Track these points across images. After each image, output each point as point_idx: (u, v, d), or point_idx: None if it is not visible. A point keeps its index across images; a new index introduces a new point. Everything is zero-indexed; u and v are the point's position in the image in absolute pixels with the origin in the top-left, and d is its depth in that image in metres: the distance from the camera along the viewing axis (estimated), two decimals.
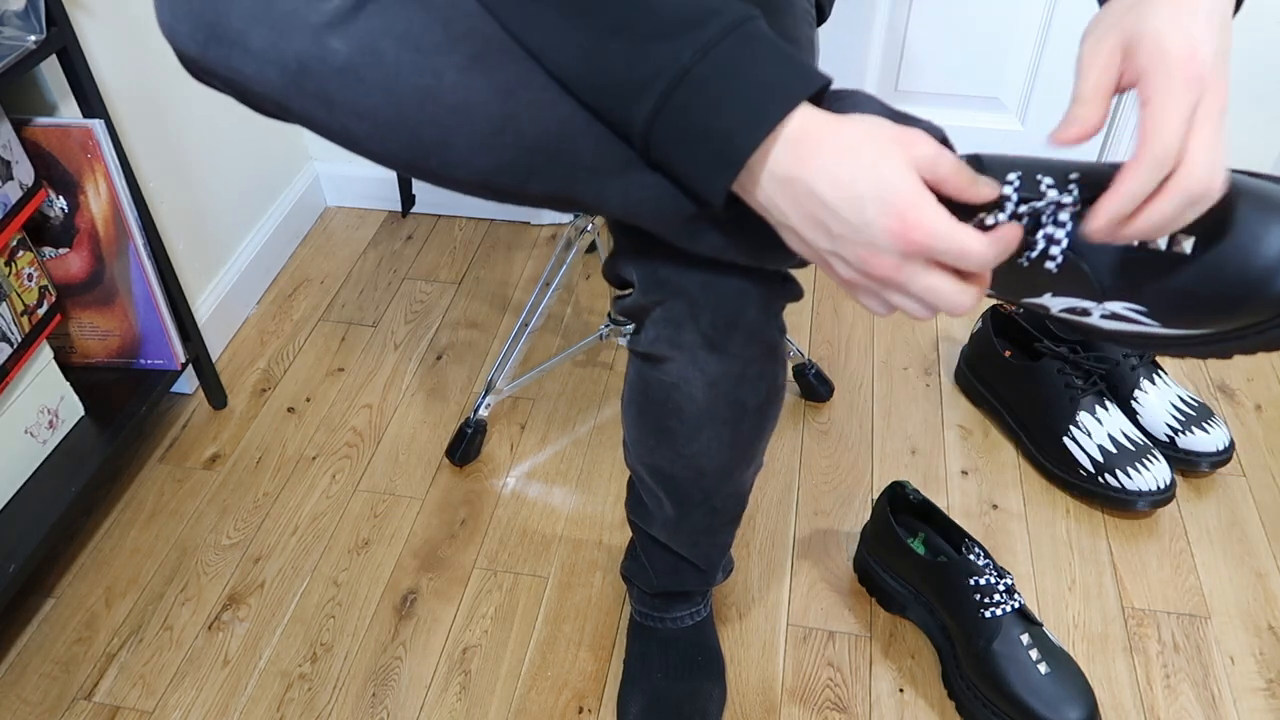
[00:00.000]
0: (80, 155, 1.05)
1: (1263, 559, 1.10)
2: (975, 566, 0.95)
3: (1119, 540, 1.12)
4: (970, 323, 1.42)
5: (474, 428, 1.21)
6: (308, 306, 1.48)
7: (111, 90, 1.14)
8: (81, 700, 0.99)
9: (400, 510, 1.17)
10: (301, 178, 1.62)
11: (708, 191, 0.51)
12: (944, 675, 0.98)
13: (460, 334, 1.42)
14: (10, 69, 0.92)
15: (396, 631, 1.04)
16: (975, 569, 0.95)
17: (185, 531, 1.15)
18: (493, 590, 1.08)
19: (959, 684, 0.95)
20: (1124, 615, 1.05)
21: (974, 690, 0.94)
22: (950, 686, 0.97)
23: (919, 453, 1.23)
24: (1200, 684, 0.99)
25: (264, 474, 1.22)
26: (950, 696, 0.97)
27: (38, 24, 0.95)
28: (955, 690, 0.96)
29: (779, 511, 1.16)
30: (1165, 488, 1.12)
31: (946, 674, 0.98)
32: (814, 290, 1.49)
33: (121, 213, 1.09)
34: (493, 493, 1.19)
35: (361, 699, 0.98)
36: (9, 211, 1.00)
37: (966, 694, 0.94)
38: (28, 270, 1.05)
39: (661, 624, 0.98)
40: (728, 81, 0.48)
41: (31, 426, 1.06)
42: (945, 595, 0.97)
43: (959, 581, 0.95)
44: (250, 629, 1.05)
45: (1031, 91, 1.38)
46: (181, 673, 1.01)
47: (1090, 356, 1.20)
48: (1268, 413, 1.28)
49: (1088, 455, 1.15)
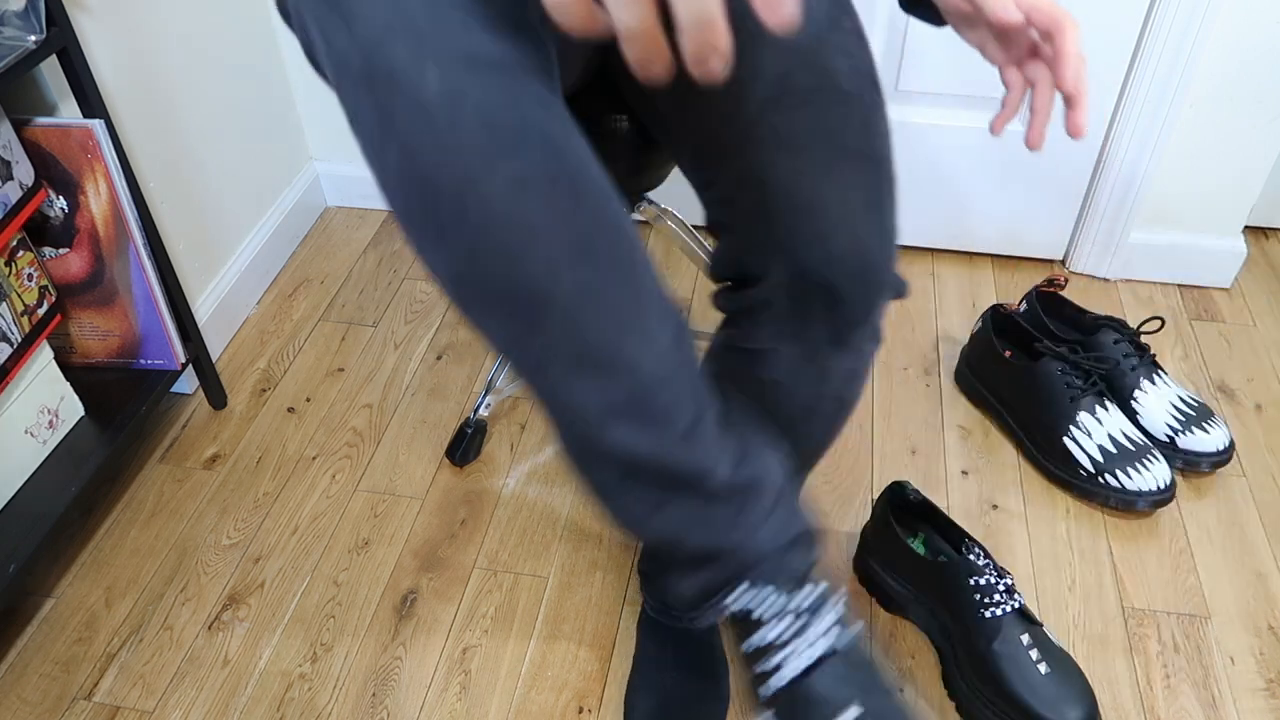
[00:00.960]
0: (80, 155, 1.05)
1: (1263, 559, 1.10)
2: (975, 566, 0.95)
3: (1119, 540, 1.12)
4: (970, 323, 1.42)
5: (474, 428, 1.21)
6: (308, 306, 1.48)
7: (111, 90, 1.14)
8: (81, 700, 0.99)
9: (400, 510, 1.17)
10: (302, 178, 1.62)
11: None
12: (944, 676, 0.98)
13: (460, 334, 1.42)
14: (10, 69, 0.92)
15: (396, 631, 1.04)
16: (975, 569, 0.95)
17: (185, 531, 1.15)
18: (493, 590, 1.08)
19: (960, 684, 0.95)
20: (1124, 615, 1.05)
21: (975, 690, 0.94)
22: (951, 687, 0.97)
23: (919, 453, 1.23)
24: (1200, 684, 0.99)
25: (264, 474, 1.22)
26: (951, 697, 0.97)
27: (38, 24, 0.95)
28: (956, 690, 0.96)
29: None
30: (1165, 488, 1.12)
31: (947, 674, 0.98)
32: None
33: (121, 213, 1.09)
34: (493, 493, 1.19)
35: (361, 699, 0.98)
36: (9, 211, 1.00)
37: (967, 694, 0.94)
38: (28, 270, 1.05)
39: (679, 622, 0.97)
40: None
41: (31, 426, 1.06)
42: (945, 595, 0.97)
43: (959, 582, 0.95)
44: (250, 629, 1.05)
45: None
46: (182, 673, 1.01)
47: (1090, 356, 1.20)
48: (1268, 413, 1.28)
49: (1088, 455, 1.15)
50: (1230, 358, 1.36)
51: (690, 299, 1.47)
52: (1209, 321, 1.43)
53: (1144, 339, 1.40)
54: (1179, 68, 1.29)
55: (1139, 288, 1.50)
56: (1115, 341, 1.21)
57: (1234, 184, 1.40)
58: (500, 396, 1.27)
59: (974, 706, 0.94)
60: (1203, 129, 1.35)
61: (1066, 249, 1.53)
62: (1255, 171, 1.38)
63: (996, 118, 0.67)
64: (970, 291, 1.49)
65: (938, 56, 1.38)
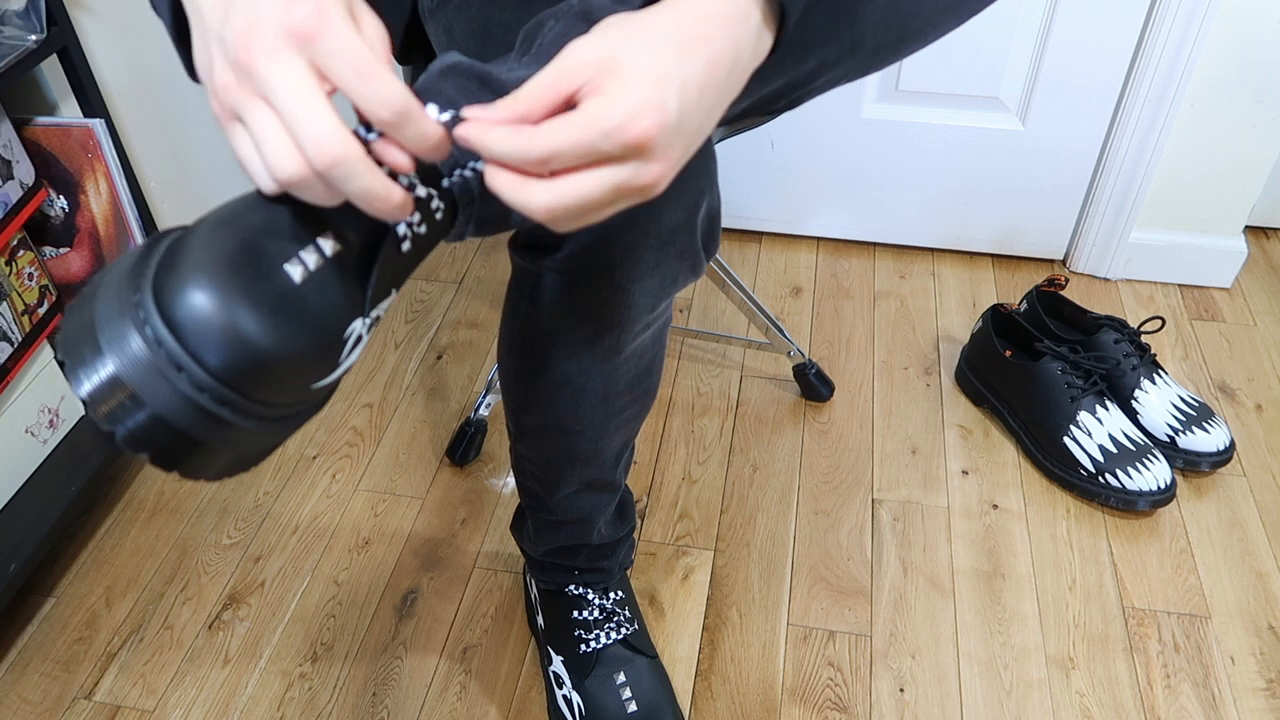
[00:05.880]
0: (81, 155, 1.05)
1: (1263, 559, 1.10)
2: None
3: (1119, 540, 1.12)
4: (971, 322, 1.42)
5: (475, 427, 1.21)
6: None
7: (112, 90, 1.14)
8: (82, 700, 0.99)
9: (400, 510, 1.17)
10: None
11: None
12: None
13: (460, 334, 1.42)
14: (11, 68, 0.92)
15: (396, 631, 1.04)
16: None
17: (186, 531, 1.15)
18: (493, 590, 1.08)
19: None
20: (1124, 615, 1.05)
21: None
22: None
23: (919, 453, 1.23)
24: (1200, 684, 0.99)
25: (264, 474, 1.22)
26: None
27: (38, 23, 0.95)
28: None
29: (779, 511, 1.16)
30: (1166, 488, 1.12)
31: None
32: (814, 290, 1.49)
33: (122, 212, 1.09)
34: (493, 492, 1.19)
35: (361, 699, 0.98)
36: (9, 211, 1.00)
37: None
38: (28, 270, 1.05)
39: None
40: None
41: (32, 426, 1.06)
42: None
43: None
44: (250, 628, 1.05)
45: (1031, 91, 1.38)
46: (182, 672, 1.01)
47: (1090, 356, 1.20)
48: (1268, 413, 1.28)
49: (1088, 455, 1.15)
50: (1230, 357, 1.36)
51: (690, 299, 1.48)
52: (1209, 321, 1.43)
53: (1144, 339, 1.40)
54: (1179, 68, 1.29)
55: (1139, 287, 1.50)
56: (1116, 341, 1.21)
57: (1234, 183, 1.40)
58: (500, 396, 1.27)
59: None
60: (1203, 129, 1.35)
61: (1067, 249, 1.53)
62: (1255, 171, 1.38)
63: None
64: (970, 291, 1.49)
65: (938, 57, 1.38)
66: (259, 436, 0.45)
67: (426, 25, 0.73)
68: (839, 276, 1.52)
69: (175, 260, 0.42)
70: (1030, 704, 0.97)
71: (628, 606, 0.96)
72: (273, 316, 0.42)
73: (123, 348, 0.41)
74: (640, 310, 0.68)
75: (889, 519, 1.15)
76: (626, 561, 0.97)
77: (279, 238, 0.44)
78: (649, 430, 1.27)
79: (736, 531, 1.14)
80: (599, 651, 0.93)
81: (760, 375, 1.34)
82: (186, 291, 0.41)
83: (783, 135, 1.48)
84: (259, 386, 0.42)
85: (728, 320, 1.44)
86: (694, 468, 1.22)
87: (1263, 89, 1.31)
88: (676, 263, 0.65)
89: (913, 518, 1.15)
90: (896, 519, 1.15)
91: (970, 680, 0.99)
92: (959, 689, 0.99)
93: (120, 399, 0.41)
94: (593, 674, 0.93)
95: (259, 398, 0.43)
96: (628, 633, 0.94)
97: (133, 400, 0.41)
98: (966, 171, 1.47)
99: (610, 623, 0.94)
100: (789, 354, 1.28)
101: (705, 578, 1.09)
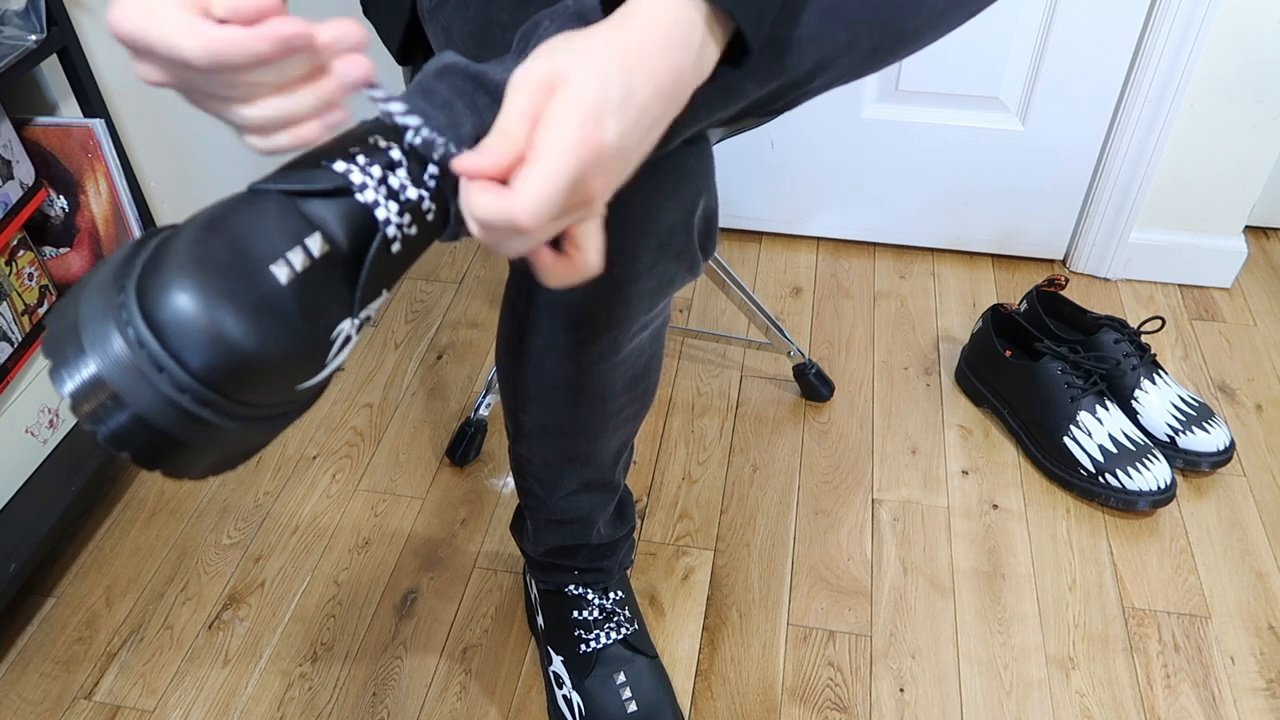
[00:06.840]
0: (81, 155, 1.05)
1: (1263, 559, 1.10)
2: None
3: (1119, 540, 1.12)
4: (971, 323, 1.42)
5: (475, 427, 1.21)
6: None
7: (112, 90, 1.14)
8: (82, 700, 0.99)
9: (400, 510, 1.17)
10: None
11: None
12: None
13: (460, 333, 1.42)
14: (11, 68, 0.92)
15: (396, 631, 1.04)
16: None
17: (186, 531, 1.15)
18: (493, 590, 1.08)
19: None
20: (1124, 615, 1.05)
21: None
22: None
23: (919, 453, 1.23)
24: (1200, 684, 0.99)
25: (264, 474, 1.22)
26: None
27: (38, 23, 0.95)
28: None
29: (779, 511, 1.16)
30: (1166, 488, 1.12)
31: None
32: (814, 290, 1.49)
33: (122, 212, 1.09)
34: (493, 492, 1.19)
35: (361, 699, 0.98)
36: (9, 211, 1.00)
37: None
38: (28, 270, 1.05)
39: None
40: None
41: (32, 426, 1.06)
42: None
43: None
44: (250, 628, 1.05)
45: (1031, 91, 1.38)
46: (182, 672, 1.01)
47: (1090, 356, 1.20)
48: (1268, 413, 1.28)
49: (1088, 455, 1.15)
50: (1230, 357, 1.36)
51: (690, 299, 1.48)
52: (1209, 321, 1.43)
53: (1144, 339, 1.40)
54: (1179, 68, 1.29)
55: (1139, 287, 1.50)
56: (1116, 341, 1.21)
57: (1234, 183, 1.40)
58: (500, 396, 1.27)
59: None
60: (1203, 129, 1.35)
61: (1067, 249, 1.53)
62: (1255, 171, 1.38)
63: None
64: (970, 291, 1.49)
65: (938, 57, 1.38)
66: (243, 436, 0.45)
67: (425, 25, 0.73)
68: (839, 276, 1.52)
69: (160, 261, 0.42)
70: (1030, 704, 0.97)
71: (628, 606, 0.96)
72: (256, 318, 0.42)
73: (105, 348, 0.41)
74: (637, 310, 0.68)
75: (889, 519, 1.15)
76: (626, 561, 0.97)
77: (266, 238, 0.44)
78: (649, 430, 1.27)
79: (736, 531, 1.14)
80: (599, 651, 0.93)
81: (760, 375, 1.34)
82: (169, 293, 0.41)
83: (782, 135, 1.48)
84: (242, 388, 0.42)
85: (728, 320, 1.44)
86: (694, 468, 1.22)
87: (1263, 89, 1.31)
88: (673, 263, 0.66)
89: (913, 518, 1.15)
90: (896, 519, 1.15)
91: (970, 680, 0.99)
92: (959, 689, 0.99)
93: (102, 399, 0.41)
94: (593, 674, 0.93)
95: (242, 399, 0.43)
96: (628, 633, 0.94)
97: (114, 400, 0.41)
98: (966, 171, 1.47)
99: (610, 623, 0.94)
100: (789, 354, 1.28)
101: (705, 578, 1.09)
